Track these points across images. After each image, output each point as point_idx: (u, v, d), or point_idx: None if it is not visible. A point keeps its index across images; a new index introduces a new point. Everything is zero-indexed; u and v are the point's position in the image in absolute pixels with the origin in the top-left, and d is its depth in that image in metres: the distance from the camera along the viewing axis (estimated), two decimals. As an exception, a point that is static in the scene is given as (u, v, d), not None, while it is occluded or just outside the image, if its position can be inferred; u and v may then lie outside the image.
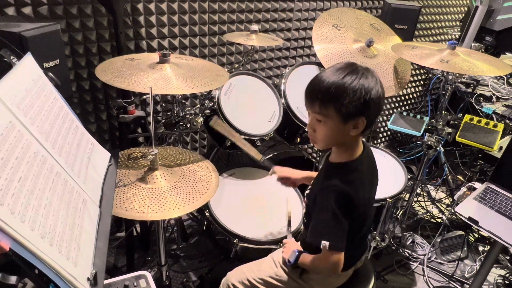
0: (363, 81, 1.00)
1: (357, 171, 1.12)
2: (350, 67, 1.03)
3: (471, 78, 2.60)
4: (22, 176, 0.65)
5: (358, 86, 0.99)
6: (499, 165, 1.81)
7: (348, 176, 1.09)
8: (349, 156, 1.12)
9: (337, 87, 1.00)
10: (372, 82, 1.01)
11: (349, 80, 1.00)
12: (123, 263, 2.04)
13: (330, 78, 1.01)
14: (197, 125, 1.70)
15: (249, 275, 1.36)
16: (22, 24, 1.24)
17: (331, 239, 1.07)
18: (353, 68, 1.02)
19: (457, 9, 3.54)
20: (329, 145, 1.14)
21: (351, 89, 0.99)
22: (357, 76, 1.00)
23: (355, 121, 1.03)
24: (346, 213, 1.07)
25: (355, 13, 2.27)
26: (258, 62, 2.53)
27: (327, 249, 1.06)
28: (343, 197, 1.06)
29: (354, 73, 1.01)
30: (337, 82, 1.00)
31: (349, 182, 1.08)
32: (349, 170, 1.11)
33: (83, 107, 1.97)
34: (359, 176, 1.12)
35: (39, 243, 0.61)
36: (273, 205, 1.77)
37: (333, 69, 1.04)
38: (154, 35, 2.03)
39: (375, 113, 1.06)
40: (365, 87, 1.00)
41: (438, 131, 1.97)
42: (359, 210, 1.11)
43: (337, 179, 1.08)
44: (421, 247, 2.42)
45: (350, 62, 1.06)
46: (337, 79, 1.00)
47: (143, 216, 1.13)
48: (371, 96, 1.00)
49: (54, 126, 0.84)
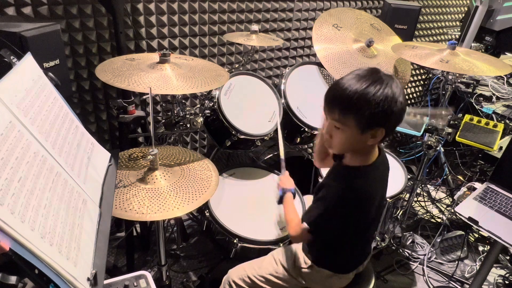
0: (387, 91, 0.95)
1: (368, 177, 1.10)
2: (374, 75, 0.98)
3: (471, 78, 2.60)
4: (22, 176, 0.65)
5: (381, 98, 0.95)
6: (499, 165, 1.81)
7: (357, 182, 1.08)
8: (363, 161, 1.10)
9: (359, 97, 0.95)
10: (396, 92, 0.97)
11: (373, 91, 0.95)
12: (123, 263, 2.04)
13: (353, 86, 0.96)
14: (197, 125, 1.70)
15: (250, 272, 1.37)
16: (22, 24, 1.24)
17: (311, 225, 1.14)
18: (377, 78, 0.97)
19: (457, 9, 3.54)
20: (345, 151, 1.12)
21: (374, 101, 0.95)
22: (381, 87, 0.95)
23: (374, 131, 1.00)
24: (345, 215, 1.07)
25: (355, 13, 2.27)
26: (258, 62, 2.53)
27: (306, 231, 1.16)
28: (345, 202, 1.06)
29: (378, 83, 0.96)
30: (360, 92, 0.95)
31: (355, 189, 1.07)
32: (359, 175, 1.09)
33: (83, 107, 1.97)
34: (368, 182, 1.10)
35: (39, 243, 0.61)
36: (273, 205, 1.77)
37: (355, 76, 0.99)
38: (154, 35, 2.03)
39: (395, 124, 1.02)
40: (388, 99, 0.95)
41: (438, 131, 1.97)
42: (361, 216, 1.11)
43: (345, 183, 1.07)
44: (421, 247, 2.42)
45: (373, 68, 1.01)
46: (360, 88, 0.95)
47: (143, 216, 1.13)
48: (393, 108, 0.97)
49: (54, 126, 0.84)
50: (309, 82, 2.09)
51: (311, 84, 2.08)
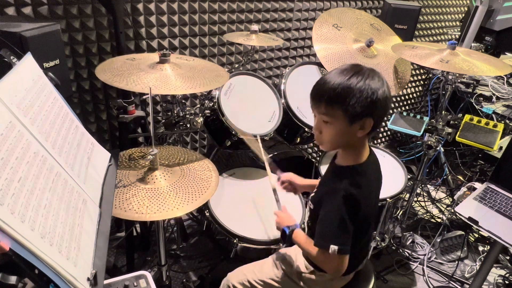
0: (369, 81, 0.99)
1: (365, 175, 1.11)
2: (355, 68, 1.02)
3: (471, 78, 2.60)
4: (22, 176, 0.65)
5: (364, 87, 0.99)
6: (499, 165, 1.81)
7: (356, 180, 1.08)
8: (356, 159, 1.11)
9: (343, 87, 0.99)
10: (378, 82, 1.01)
11: (355, 81, 0.99)
12: (123, 263, 2.04)
13: (336, 79, 1.01)
14: (197, 125, 1.70)
15: (250, 276, 1.36)
16: (22, 24, 1.24)
17: (339, 243, 1.06)
18: (359, 69, 1.02)
19: (457, 9, 3.54)
20: (336, 146, 1.13)
21: (357, 90, 0.98)
22: (363, 77, 1.00)
23: (362, 121, 1.02)
24: (353, 216, 1.06)
25: (355, 13, 2.27)
26: (258, 62, 2.53)
27: (335, 253, 1.05)
28: (351, 200, 1.05)
29: (359, 74, 1.00)
30: (343, 83, 1.00)
31: (357, 186, 1.06)
32: (357, 173, 1.09)
33: (83, 107, 1.97)
34: (367, 180, 1.11)
35: (39, 243, 0.61)
36: (273, 205, 1.77)
37: (338, 70, 1.03)
38: (154, 35, 2.03)
39: (382, 113, 1.05)
40: (372, 87, 0.99)
41: (438, 131, 1.97)
42: (365, 215, 1.10)
43: (345, 182, 1.07)
44: (421, 247, 2.42)
45: (354, 63, 1.06)
46: (343, 80, 1.00)
47: (142, 216, 1.13)
48: (378, 96, 1.00)
49: (54, 126, 0.84)
50: (309, 82, 2.07)
51: (311, 84, 2.06)
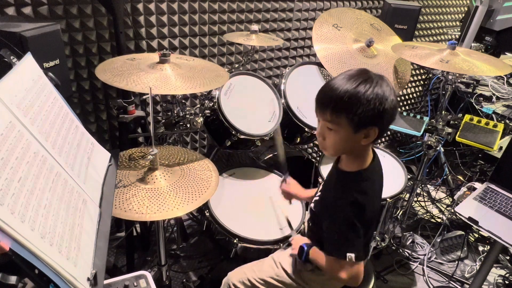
0: (377, 90, 0.96)
1: (370, 180, 1.10)
2: (364, 75, 0.99)
3: (471, 78, 2.60)
4: (22, 176, 0.65)
5: (372, 96, 0.96)
6: (499, 165, 1.81)
7: (362, 186, 1.07)
8: (361, 164, 1.10)
9: (350, 96, 0.96)
10: (386, 91, 0.98)
11: (363, 89, 0.96)
12: (123, 263, 2.04)
13: (343, 86, 0.98)
14: (197, 125, 1.70)
15: (250, 275, 1.36)
16: (22, 24, 1.24)
17: (356, 250, 1.06)
18: (367, 77, 0.99)
19: (457, 9, 3.54)
20: (340, 152, 1.13)
21: (364, 99, 0.95)
22: (371, 85, 0.97)
23: (367, 130, 1.00)
24: (363, 223, 1.06)
25: (355, 13, 2.27)
26: (258, 62, 2.53)
27: (353, 261, 1.05)
28: (360, 208, 1.05)
29: (367, 82, 0.97)
30: (350, 91, 0.96)
31: (363, 192, 1.06)
32: (362, 179, 1.09)
33: (83, 107, 1.97)
34: (372, 185, 1.10)
35: (39, 243, 0.61)
36: (273, 205, 1.77)
37: (345, 76, 1.00)
38: (154, 35, 2.03)
39: (388, 123, 1.03)
40: (379, 97, 0.96)
41: (438, 131, 1.97)
42: (369, 219, 1.10)
43: (352, 190, 1.06)
44: (421, 247, 2.42)
45: (363, 69, 1.02)
46: (351, 87, 0.97)
47: (142, 216, 1.13)
48: (385, 106, 0.97)
49: (54, 126, 0.84)
50: (309, 82, 2.09)
51: (311, 84, 2.08)
